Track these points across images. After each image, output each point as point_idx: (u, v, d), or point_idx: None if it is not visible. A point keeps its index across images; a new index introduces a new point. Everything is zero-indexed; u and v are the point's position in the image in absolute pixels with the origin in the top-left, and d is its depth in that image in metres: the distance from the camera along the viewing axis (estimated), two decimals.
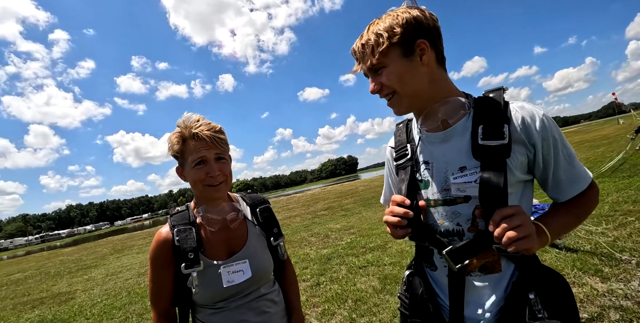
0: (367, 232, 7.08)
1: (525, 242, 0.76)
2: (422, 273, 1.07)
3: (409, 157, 1.06)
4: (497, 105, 0.92)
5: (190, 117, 1.15)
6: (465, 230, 0.93)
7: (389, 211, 0.96)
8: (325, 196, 19.57)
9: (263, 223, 1.30)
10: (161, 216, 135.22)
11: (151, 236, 18.93)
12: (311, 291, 4.13)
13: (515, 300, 0.88)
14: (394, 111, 1.01)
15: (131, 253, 12.88)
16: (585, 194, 0.93)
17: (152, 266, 1.13)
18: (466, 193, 0.91)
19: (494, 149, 0.87)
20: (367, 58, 0.95)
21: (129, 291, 6.27)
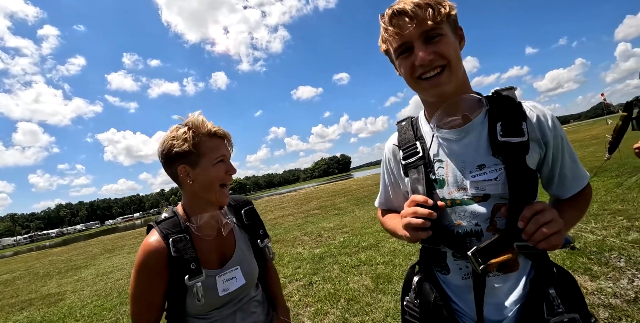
0: (360, 231, 7.09)
1: (557, 237, 0.76)
2: (433, 278, 1.01)
3: (421, 155, 1.00)
4: (513, 103, 0.92)
5: (198, 116, 1.12)
6: (484, 230, 0.89)
7: (411, 213, 0.89)
8: (318, 195, 19.57)
9: (248, 225, 1.28)
10: (153, 215, 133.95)
11: (143, 235, 18.57)
12: (304, 290, 4.13)
13: (535, 296, 0.87)
14: (437, 91, 0.91)
15: (122, 253, 12.73)
16: (585, 190, 0.98)
17: (141, 279, 1.03)
18: (485, 191, 0.88)
19: (514, 146, 0.86)
20: (426, 19, 0.84)
21: (120, 291, 6.19)
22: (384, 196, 1.25)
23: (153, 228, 1.09)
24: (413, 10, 0.84)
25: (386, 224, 1.19)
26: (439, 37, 0.86)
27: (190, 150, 1.06)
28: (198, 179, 1.08)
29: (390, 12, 0.88)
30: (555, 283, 0.88)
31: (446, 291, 0.99)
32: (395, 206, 1.22)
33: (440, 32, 0.86)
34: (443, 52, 0.86)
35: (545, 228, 0.75)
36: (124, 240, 17.69)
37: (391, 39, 0.90)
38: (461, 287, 0.95)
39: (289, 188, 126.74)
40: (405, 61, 0.91)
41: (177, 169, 1.09)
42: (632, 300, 2.55)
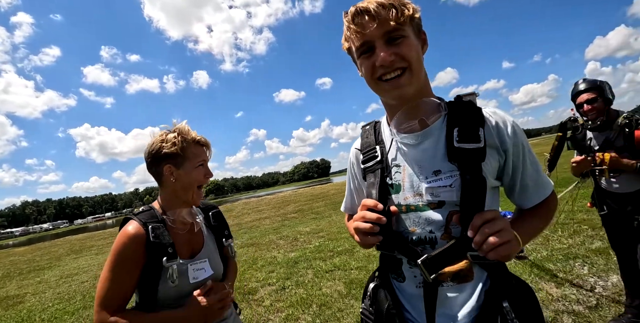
0: (336, 236, 7.09)
1: (506, 248, 0.74)
2: (389, 285, 0.99)
3: (379, 159, 0.99)
4: (472, 108, 0.91)
5: (184, 125, 1.27)
6: (438, 238, 0.88)
7: (360, 217, 0.88)
8: (297, 199, 19.49)
9: (215, 226, 1.41)
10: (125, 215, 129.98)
11: (113, 236, 18.16)
12: (276, 295, 4.07)
13: (489, 309, 0.85)
14: (397, 93, 0.89)
15: (90, 254, 12.23)
16: (548, 200, 0.95)
17: (117, 263, 1.08)
18: (440, 198, 0.87)
19: (470, 152, 0.85)
20: (388, 20, 0.83)
21: (84, 295, 5.93)
22: (350, 201, 1.24)
23: (131, 219, 1.17)
24: (376, 10, 0.82)
25: (349, 229, 1.16)
26: (401, 39, 0.85)
27: (177, 153, 1.20)
28: (180, 179, 1.22)
29: (353, 10, 0.86)
30: (511, 296, 0.86)
31: (400, 299, 0.96)
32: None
33: (403, 34, 0.85)
34: (404, 54, 0.84)
35: (493, 238, 0.73)
36: (93, 240, 17.00)
37: (353, 37, 0.89)
38: (415, 296, 0.92)
39: (267, 190, 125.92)
40: (366, 60, 0.89)
41: (162, 168, 1.21)
42: (594, 306, 2.64)
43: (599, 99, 2.19)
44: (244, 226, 11.59)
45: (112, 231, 20.43)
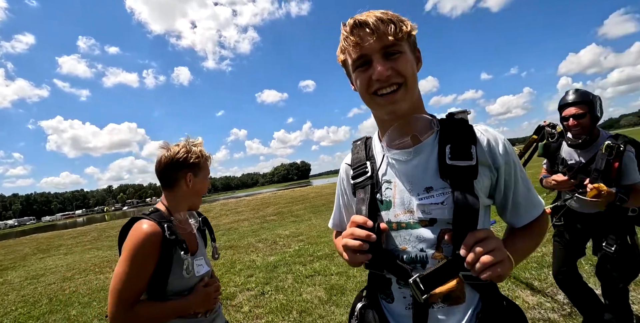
0: (315, 240, 7.05)
1: (499, 268, 0.73)
2: (377, 306, 0.96)
3: (369, 175, 0.97)
4: (464, 126, 0.90)
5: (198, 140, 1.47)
6: (430, 257, 0.85)
7: (349, 234, 0.85)
8: (276, 201, 19.32)
9: (204, 230, 1.59)
10: (97, 213, 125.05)
11: (83, 235, 17.47)
12: (255, 301, 3.99)
13: None
14: (391, 108, 0.88)
15: (58, 254, 11.67)
16: (540, 219, 0.95)
17: (136, 260, 1.17)
18: (432, 215, 0.85)
19: (462, 169, 0.84)
20: (387, 34, 0.82)
21: (51, 298, 5.65)
22: (338, 217, 1.21)
23: (141, 218, 1.25)
24: (375, 24, 0.82)
25: (337, 247, 1.14)
26: (398, 55, 0.84)
27: (199, 164, 1.40)
28: (195, 186, 1.40)
29: (352, 22, 0.85)
30: (502, 318, 0.85)
31: (389, 320, 0.93)
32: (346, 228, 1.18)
33: (400, 50, 0.85)
34: (401, 69, 0.84)
35: (486, 257, 0.72)
36: (62, 239, 16.21)
37: (350, 49, 0.87)
38: (404, 317, 0.90)
39: (246, 191, 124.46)
40: (362, 74, 0.87)
41: (181, 174, 1.37)
42: (568, 314, 2.72)
43: (587, 116, 2.04)
44: (222, 227, 11.38)
45: (82, 229, 19.59)
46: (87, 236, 15.72)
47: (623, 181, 1.99)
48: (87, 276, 6.92)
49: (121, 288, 1.15)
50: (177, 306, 1.25)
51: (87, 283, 6.34)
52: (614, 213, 2.04)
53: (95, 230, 17.55)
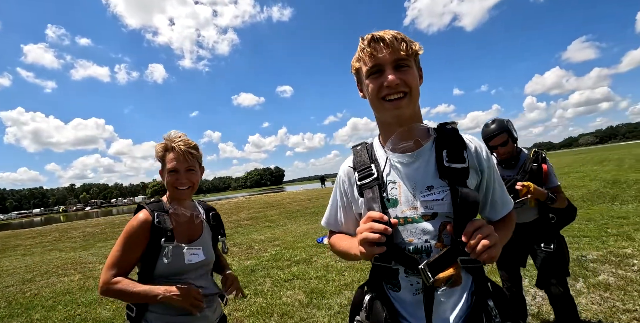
0: (292, 245, 7.07)
1: (494, 249, 0.86)
2: (384, 296, 1.05)
3: (375, 176, 1.07)
4: (456, 134, 1.07)
5: (175, 134, 1.53)
6: (433, 246, 0.97)
7: (368, 228, 0.92)
8: (250, 206, 19.11)
9: (214, 224, 1.67)
10: (56, 213, 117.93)
11: (42, 235, 16.48)
12: (234, 304, 3.96)
13: (477, 308, 0.96)
14: (396, 112, 1.01)
15: (15, 255, 10.96)
16: (511, 214, 1.16)
17: (126, 238, 1.37)
18: (434, 210, 0.97)
19: (458, 170, 0.99)
20: (399, 49, 0.97)
21: (10, 301, 5.32)
22: (334, 217, 1.27)
23: (143, 207, 1.45)
24: (390, 40, 0.97)
25: (337, 244, 1.22)
26: (407, 68, 0.99)
27: (159, 159, 1.52)
28: (165, 180, 1.50)
29: (370, 37, 1.00)
30: (492, 295, 0.99)
31: (397, 308, 1.02)
32: (345, 229, 1.26)
33: (409, 64, 0.99)
34: (408, 81, 0.98)
35: (485, 241, 0.85)
36: (19, 239, 15.18)
37: (366, 59, 1.00)
38: (412, 303, 1.00)
39: (218, 195, 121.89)
40: (374, 81, 1.00)
41: (159, 171, 1.55)
42: (535, 314, 2.94)
43: (509, 140, 2.38)
44: None
45: (41, 229, 18.47)
46: (47, 236, 14.87)
47: (550, 184, 2.34)
48: (50, 279, 6.57)
49: (110, 261, 1.36)
50: (145, 292, 1.32)
51: (50, 285, 6.02)
52: (543, 221, 2.40)
53: (57, 230, 16.61)
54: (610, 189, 9.92)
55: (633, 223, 5.74)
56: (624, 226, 5.60)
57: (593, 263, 4.03)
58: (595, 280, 3.52)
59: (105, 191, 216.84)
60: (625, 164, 17.90)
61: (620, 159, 22.48)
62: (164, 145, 1.49)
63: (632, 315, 2.74)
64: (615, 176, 12.80)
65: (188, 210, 1.54)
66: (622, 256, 4.12)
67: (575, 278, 3.61)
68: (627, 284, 3.33)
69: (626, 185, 10.33)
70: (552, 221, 2.37)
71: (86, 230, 15.60)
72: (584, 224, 6.08)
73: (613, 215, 6.62)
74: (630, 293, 3.12)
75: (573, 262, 4.08)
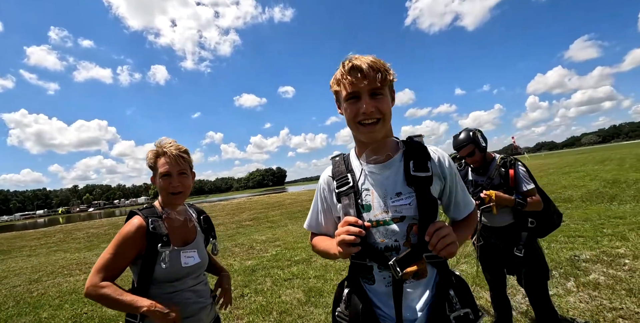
0: (292, 245, 7.18)
1: (452, 247, 1.00)
2: (360, 289, 1.18)
3: (351, 185, 1.21)
4: (421, 146, 1.21)
5: (164, 139, 1.55)
6: (402, 245, 1.11)
7: (345, 231, 1.05)
8: (251, 207, 19.26)
9: (205, 227, 1.71)
10: (59, 215, 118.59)
11: (47, 236, 16.68)
12: (235, 303, 4.08)
13: (439, 297, 1.10)
14: (370, 135, 1.14)
15: (21, 256, 11.16)
16: (472, 214, 1.29)
17: (120, 243, 1.38)
18: (402, 213, 1.11)
19: (423, 179, 1.13)
20: (376, 80, 1.08)
21: (18, 300, 5.46)
22: (316, 221, 1.40)
23: (136, 213, 1.47)
24: (367, 70, 1.07)
25: (318, 245, 1.35)
26: (381, 96, 1.11)
27: (151, 165, 1.53)
28: (157, 186, 1.53)
29: (350, 65, 1.10)
30: (454, 286, 1.13)
31: (372, 299, 1.16)
32: (325, 231, 1.39)
33: (382, 93, 1.11)
34: (381, 108, 1.10)
35: (443, 239, 0.99)
36: (24, 240, 15.39)
37: (346, 85, 1.11)
38: (384, 294, 1.13)
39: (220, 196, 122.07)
40: (352, 106, 1.12)
41: (151, 178, 1.57)
42: (524, 311, 3.05)
43: (476, 151, 2.50)
44: None
45: (46, 230, 18.68)
46: (52, 237, 15.07)
47: (519, 189, 2.42)
48: (56, 279, 6.72)
49: (99, 264, 1.36)
50: (131, 302, 1.30)
51: (56, 285, 6.17)
52: (519, 225, 2.47)
53: (61, 231, 16.82)
54: (609, 189, 9.96)
55: (629, 223, 5.81)
56: (620, 226, 5.66)
57: (585, 262, 4.12)
58: (585, 279, 3.61)
59: (108, 192, 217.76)
60: (627, 163, 17.91)
61: (621, 158, 22.47)
62: (155, 151, 1.51)
63: (618, 313, 2.84)
64: (616, 176, 12.83)
65: (181, 214, 1.57)
66: (614, 256, 4.20)
67: (566, 278, 3.71)
68: (616, 283, 3.42)
69: (626, 185, 10.36)
70: (532, 226, 2.44)
71: (90, 231, 15.79)
72: (580, 224, 6.17)
73: (610, 215, 6.69)
74: (618, 292, 3.21)
75: (566, 262, 4.18)
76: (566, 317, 2.89)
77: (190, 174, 1.58)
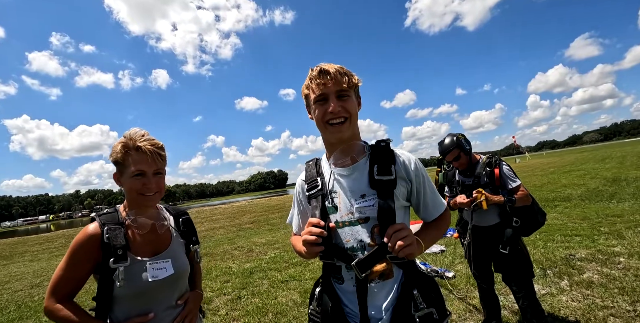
0: (291, 247, 7.10)
1: (410, 248, 1.03)
2: (331, 288, 1.24)
3: (320, 188, 1.26)
4: (387, 150, 1.24)
5: (136, 131, 1.32)
6: (367, 245, 1.15)
7: (307, 232, 1.12)
8: (252, 209, 19.30)
9: (184, 231, 1.49)
10: (62, 219, 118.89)
11: (49, 241, 16.76)
12: (232, 305, 4.12)
13: (404, 297, 1.13)
14: (338, 135, 1.20)
15: (22, 261, 11.23)
16: (444, 215, 1.31)
17: (70, 256, 1.20)
18: (366, 214, 1.15)
19: (385, 182, 1.16)
20: (342, 82, 1.16)
21: (20, 304, 5.52)
22: (295, 222, 1.46)
23: (95, 219, 1.26)
24: (334, 73, 1.16)
25: (295, 245, 1.39)
26: (347, 98, 1.18)
27: (118, 161, 1.27)
28: (123, 186, 1.30)
29: (319, 69, 1.17)
30: (419, 285, 1.15)
31: (341, 297, 1.21)
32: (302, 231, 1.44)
33: (348, 94, 1.19)
34: (348, 108, 1.18)
35: (401, 242, 1.02)
36: (26, 245, 15.48)
37: (314, 88, 1.19)
38: (352, 293, 1.17)
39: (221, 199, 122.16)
40: (320, 107, 1.19)
41: (113, 175, 1.33)
42: (517, 311, 3.05)
43: (461, 154, 2.61)
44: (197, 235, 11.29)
45: (48, 235, 18.78)
46: (54, 242, 15.15)
47: (505, 187, 2.51)
48: None
49: (53, 283, 1.20)
50: None
51: None
52: (505, 225, 2.53)
53: (63, 237, 16.90)
54: (609, 188, 9.95)
55: (626, 221, 5.81)
56: (617, 225, 5.66)
57: (580, 261, 4.12)
58: (579, 278, 3.62)
59: (110, 197, 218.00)
60: (627, 161, 17.89)
61: (622, 156, 22.44)
62: (124, 144, 1.26)
63: (609, 312, 2.85)
64: (616, 174, 12.82)
65: (151, 218, 1.34)
66: (609, 255, 4.21)
67: (560, 277, 3.72)
68: (609, 282, 3.43)
69: (625, 183, 10.35)
70: (517, 225, 2.50)
71: None
72: (578, 223, 6.17)
73: (608, 213, 6.68)
74: (610, 291, 3.22)
75: (561, 261, 4.19)
76: (556, 316, 2.91)
77: (164, 174, 1.36)
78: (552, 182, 13.30)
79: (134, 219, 1.28)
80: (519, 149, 38.95)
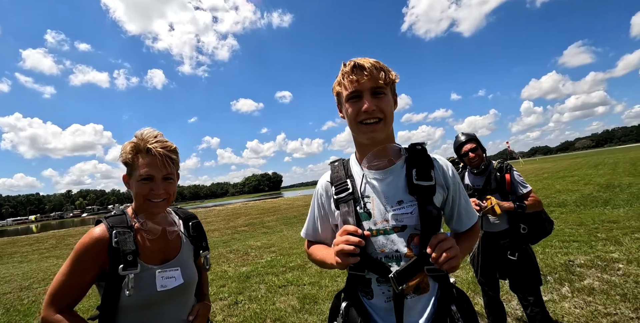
0: (287, 251, 7.13)
1: (455, 260, 0.95)
2: (359, 303, 1.11)
3: (350, 191, 1.14)
4: (425, 154, 1.16)
5: (150, 132, 1.23)
6: (403, 256, 1.04)
7: (344, 240, 1.00)
8: (247, 212, 19.17)
9: (194, 236, 1.39)
10: (53, 220, 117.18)
11: (40, 242, 16.45)
12: (228, 310, 4.03)
13: (441, 313, 1.04)
14: (372, 135, 1.09)
15: (12, 262, 10.97)
16: (475, 226, 1.24)
17: (74, 261, 1.10)
18: (403, 222, 1.05)
19: (425, 188, 1.08)
20: (378, 78, 1.05)
21: (8, 308, 5.37)
22: (312, 228, 1.33)
23: (101, 221, 1.17)
24: (370, 69, 1.05)
25: (314, 254, 1.28)
26: (383, 96, 1.07)
27: (128, 162, 1.20)
28: (132, 188, 1.22)
29: (352, 64, 1.07)
30: (456, 301, 1.07)
31: (371, 314, 1.09)
32: (322, 238, 1.32)
33: (385, 92, 1.08)
34: (383, 107, 1.06)
35: (446, 253, 0.94)
36: (16, 246, 15.13)
37: (347, 84, 1.08)
38: (384, 309, 1.07)
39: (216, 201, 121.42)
40: (353, 105, 1.08)
41: (123, 177, 1.25)
42: (520, 317, 3.03)
43: (479, 148, 2.61)
44: None
45: (38, 236, 18.44)
46: (44, 243, 14.86)
47: (517, 193, 2.50)
48: (47, 286, 6.60)
49: (53, 291, 1.09)
50: None
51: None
52: (513, 231, 2.51)
53: (54, 237, 16.59)
54: (603, 194, 10.02)
55: (622, 228, 5.83)
56: (614, 231, 5.68)
57: (580, 267, 4.11)
58: (580, 284, 3.60)
59: (102, 197, 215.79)
60: (620, 168, 18.06)
61: (615, 163, 22.66)
62: (135, 145, 1.19)
63: (613, 319, 2.83)
64: (609, 180, 12.93)
65: (160, 223, 1.27)
66: (608, 261, 4.21)
67: (561, 283, 3.70)
68: (610, 288, 3.41)
69: (619, 189, 10.44)
70: (524, 232, 2.48)
71: None
72: (574, 229, 6.18)
73: (604, 219, 6.71)
74: (612, 297, 3.20)
75: (560, 267, 4.18)
76: None
77: (176, 179, 1.28)
78: (547, 187, 13.37)
79: (144, 222, 1.21)
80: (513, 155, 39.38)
